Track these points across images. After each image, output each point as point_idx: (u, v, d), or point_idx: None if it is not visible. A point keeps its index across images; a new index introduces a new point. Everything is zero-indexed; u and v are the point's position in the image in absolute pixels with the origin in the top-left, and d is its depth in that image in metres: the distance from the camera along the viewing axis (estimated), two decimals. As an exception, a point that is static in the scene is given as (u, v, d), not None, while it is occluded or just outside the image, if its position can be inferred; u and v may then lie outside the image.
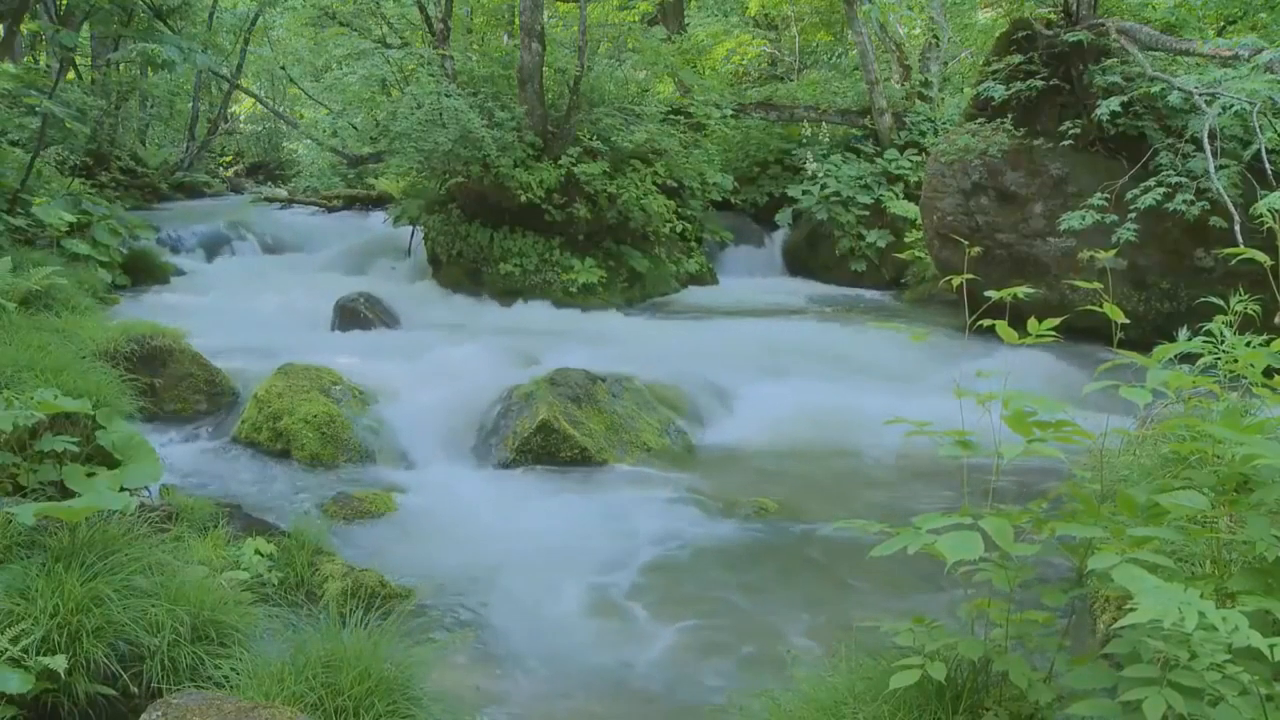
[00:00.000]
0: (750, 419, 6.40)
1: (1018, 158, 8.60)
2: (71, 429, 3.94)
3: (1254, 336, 3.04)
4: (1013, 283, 2.71)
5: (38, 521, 3.03)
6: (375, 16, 12.81)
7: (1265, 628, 1.78)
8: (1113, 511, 2.32)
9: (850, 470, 5.64)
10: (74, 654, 2.64)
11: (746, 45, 16.63)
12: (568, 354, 6.82)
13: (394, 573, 4.06)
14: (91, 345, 5.52)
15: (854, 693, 2.47)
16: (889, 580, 4.05)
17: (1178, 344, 2.68)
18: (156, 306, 8.69)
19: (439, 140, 9.84)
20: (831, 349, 8.04)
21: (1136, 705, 1.89)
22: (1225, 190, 6.89)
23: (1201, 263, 7.81)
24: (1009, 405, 2.37)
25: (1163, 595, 1.79)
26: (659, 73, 13.92)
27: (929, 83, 13.45)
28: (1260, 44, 7.32)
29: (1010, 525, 2.20)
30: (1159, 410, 4.33)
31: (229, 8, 16.13)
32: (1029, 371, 6.41)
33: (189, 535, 3.70)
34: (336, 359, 6.49)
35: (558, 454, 5.65)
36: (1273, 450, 2.07)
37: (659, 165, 11.19)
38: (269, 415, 5.72)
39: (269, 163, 21.25)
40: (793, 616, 3.91)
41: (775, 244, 12.92)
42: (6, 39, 8.55)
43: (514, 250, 10.35)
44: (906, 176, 12.11)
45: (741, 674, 3.48)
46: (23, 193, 8.07)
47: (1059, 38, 8.53)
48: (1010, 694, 2.31)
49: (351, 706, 2.60)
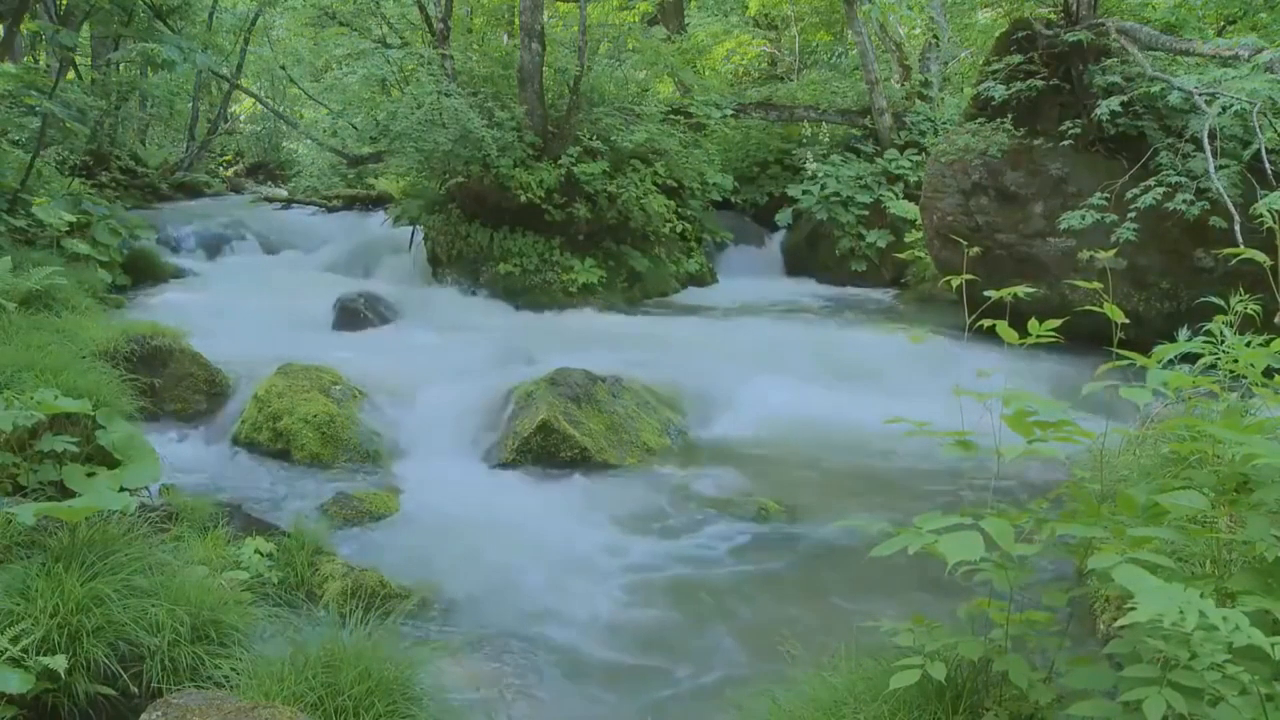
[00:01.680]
0: (750, 419, 6.39)
1: (1018, 158, 8.60)
2: (71, 429, 3.95)
3: (1254, 336, 3.04)
4: (1013, 283, 2.71)
5: (38, 521, 3.03)
6: (375, 16, 12.82)
7: (1265, 628, 1.78)
8: (1113, 511, 2.32)
9: (851, 470, 5.64)
10: (74, 654, 2.64)
11: (746, 45, 16.63)
12: (568, 354, 6.81)
13: (394, 573, 4.06)
14: (91, 345, 5.52)
15: (854, 693, 2.47)
16: (889, 580, 4.04)
17: (1178, 344, 2.68)
18: (156, 306, 8.69)
19: (439, 140, 9.84)
20: (832, 349, 8.03)
21: (1137, 705, 1.89)
22: (1225, 190, 6.88)
23: (1201, 263, 7.80)
24: (1009, 405, 2.38)
25: (1163, 595, 1.79)
26: (659, 73, 13.92)
27: (929, 83, 13.45)
28: (1260, 44, 7.31)
29: (1010, 525, 2.20)
30: (1159, 410, 4.33)
31: (229, 8, 16.12)
32: (1029, 372, 6.42)
33: (189, 535, 3.71)
34: (336, 359, 6.49)
35: (558, 454, 5.65)
36: (1273, 450, 2.07)
37: (659, 165, 11.18)
38: (269, 415, 5.72)
39: (269, 163, 21.22)
40: (793, 616, 3.91)
41: (775, 244, 12.92)
42: (6, 39, 8.55)
43: (514, 250, 10.34)
44: (906, 176, 12.11)
45: (742, 673, 3.48)
46: (23, 193, 8.07)
47: (1059, 38, 8.53)
48: (1010, 694, 2.31)
49: (351, 706, 2.60)
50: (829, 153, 12.71)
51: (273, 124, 21.05)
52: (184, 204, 14.86)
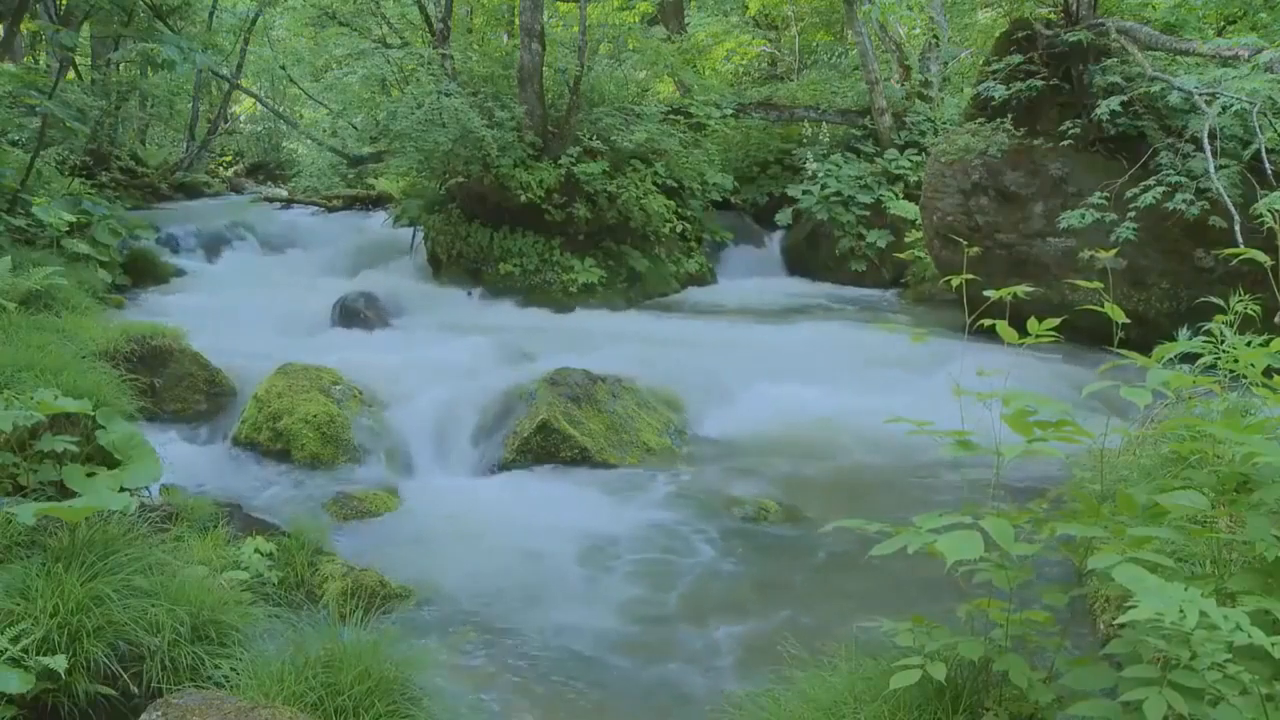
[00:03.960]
0: (750, 419, 6.39)
1: (1018, 158, 8.60)
2: (71, 429, 3.94)
3: (1254, 336, 3.04)
4: (1012, 283, 2.71)
5: (38, 521, 3.03)
6: (375, 16, 12.81)
7: (1265, 627, 1.78)
8: (1113, 511, 2.32)
9: (851, 470, 5.63)
10: (74, 654, 2.64)
11: (746, 45, 16.63)
12: (567, 354, 6.81)
13: (394, 573, 4.06)
14: (91, 345, 5.52)
15: (854, 693, 2.46)
16: (889, 580, 4.04)
17: (1178, 344, 2.68)
18: (156, 306, 8.70)
19: (439, 140, 9.84)
20: (831, 349, 8.03)
21: (1137, 705, 1.88)
22: (1225, 190, 6.88)
23: (1201, 263, 7.80)
24: (1009, 405, 2.37)
25: (1163, 594, 1.79)
26: (659, 73, 13.92)
27: (929, 83, 13.45)
28: (1260, 44, 7.31)
29: (1010, 525, 2.20)
30: (1159, 410, 4.33)
31: (229, 8, 16.12)
32: (1029, 371, 6.41)
33: (189, 535, 3.70)
34: (336, 359, 6.48)
35: (557, 454, 5.65)
36: (1273, 450, 2.07)
37: (659, 165, 11.19)
38: (269, 415, 5.72)
39: (269, 163, 21.22)
40: (793, 616, 3.91)
41: (775, 244, 12.91)
42: (6, 39, 8.55)
43: (514, 250, 10.35)
44: (906, 176, 12.10)
45: (741, 673, 3.48)
46: (23, 193, 8.06)
47: (1059, 38, 8.53)
48: (1010, 694, 2.31)
49: (351, 706, 2.60)
50: (829, 153, 12.70)
51: (273, 124, 21.05)
52: (184, 204, 14.87)
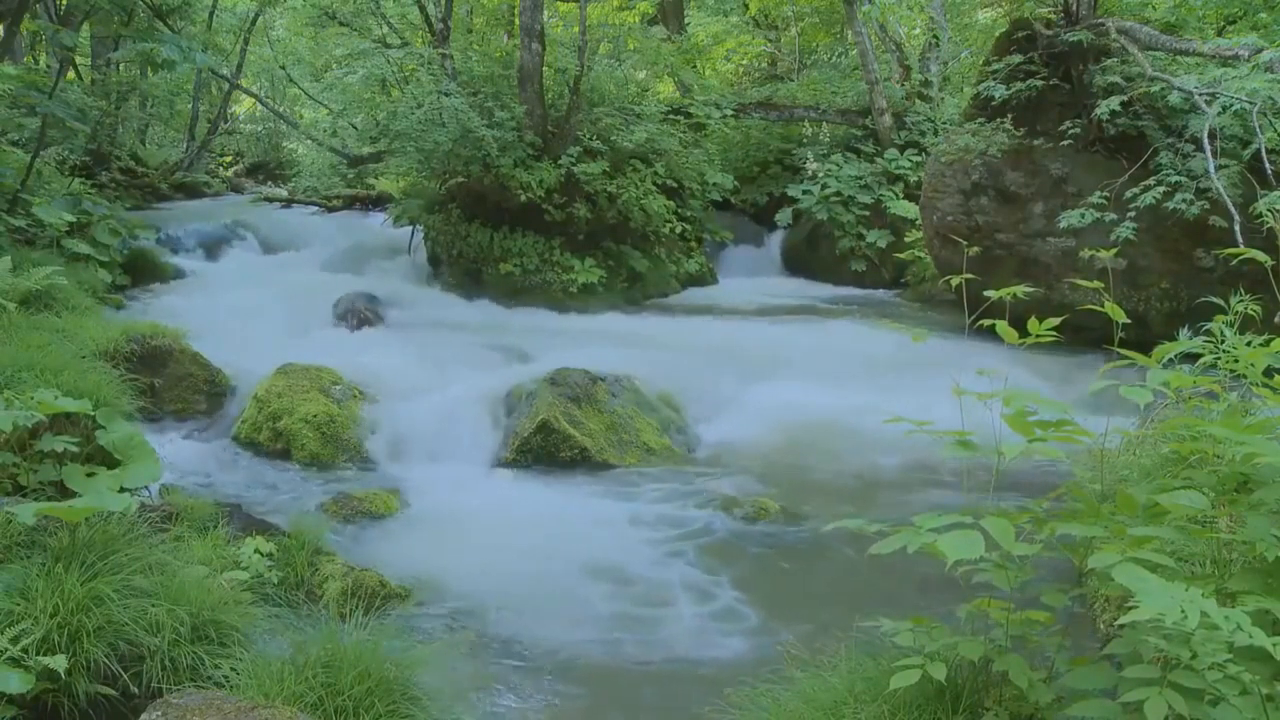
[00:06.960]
0: (750, 419, 6.39)
1: (1018, 158, 8.60)
2: (71, 429, 3.94)
3: (1254, 336, 3.04)
4: (1013, 283, 2.71)
5: (38, 521, 3.03)
6: (375, 16, 12.81)
7: (1265, 627, 1.78)
8: (1113, 511, 2.32)
9: (850, 470, 5.63)
10: (74, 654, 2.64)
11: (746, 45, 16.64)
12: (567, 354, 6.81)
13: (394, 572, 4.06)
14: (91, 345, 5.52)
15: (854, 693, 2.46)
16: (889, 580, 4.04)
17: (1178, 344, 2.68)
18: (156, 306, 8.69)
19: (439, 140, 9.84)
20: (831, 349, 8.03)
21: (1137, 706, 1.88)
22: (1225, 190, 6.88)
23: (1201, 263, 7.80)
24: (1010, 404, 2.37)
25: (1164, 593, 1.79)
26: (659, 73, 13.93)
27: (929, 83, 13.44)
28: (1260, 44, 7.30)
29: (1010, 525, 2.20)
30: (1159, 410, 4.33)
31: (229, 8, 16.12)
32: (1029, 371, 6.42)
33: (189, 535, 3.70)
34: (336, 359, 6.48)
35: (558, 454, 5.65)
36: (1273, 450, 2.06)
37: (659, 165, 11.18)
38: (269, 415, 5.72)
39: (269, 163, 21.22)
40: (792, 616, 3.91)
41: (775, 244, 12.91)
42: (6, 39, 8.54)
43: (514, 250, 10.34)
44: (906, 176, 12.10)
45: (741, 673, 3.47)
46: (23, 193, 8.07)
47: (1059, 38, 8.53)
48: (1010, 694, 2.30)
49: (351, 706, 2.60)
50: (829, 153, 12.70)
51: (273, 124, 21.06)
52: (184, 204, 14.87)
